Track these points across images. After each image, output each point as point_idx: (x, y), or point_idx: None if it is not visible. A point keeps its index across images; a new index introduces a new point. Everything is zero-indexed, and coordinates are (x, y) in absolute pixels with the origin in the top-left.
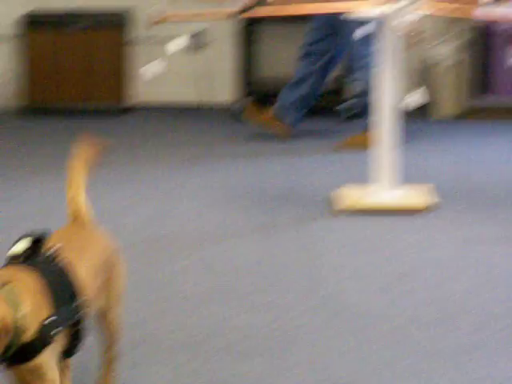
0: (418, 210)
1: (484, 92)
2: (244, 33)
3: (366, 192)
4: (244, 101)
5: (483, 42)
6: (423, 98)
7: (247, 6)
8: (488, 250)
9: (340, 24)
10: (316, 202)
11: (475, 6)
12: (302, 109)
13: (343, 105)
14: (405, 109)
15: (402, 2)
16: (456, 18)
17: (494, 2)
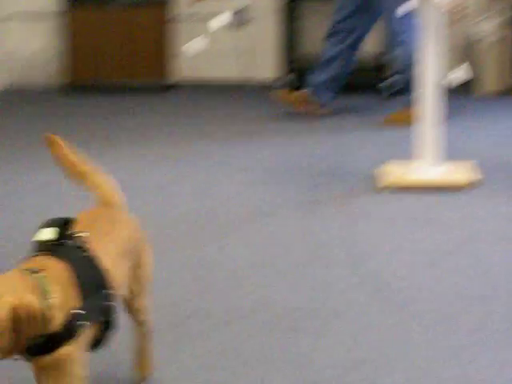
0: (461, 187)
1: None
2: (287, 9)
3: (410, 168)
4: (286, 78)
5: None
6: (466, 75)
7: None
8: None
9: (374, 1)
10: (359, 179)
11: None
12: (334, 88)
13: (386, 82)
14: (448, 85)
15: None
16: None
17: None
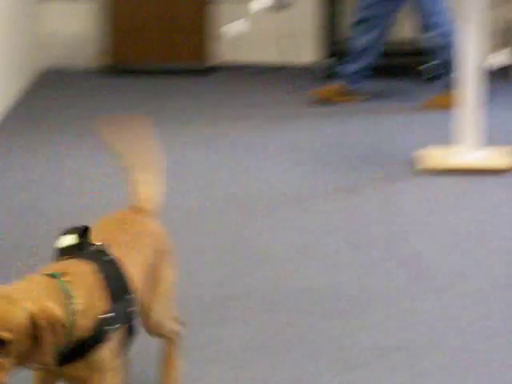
0: (501, 171)
1: None
2: None
3: (450, 152)
4: (327, 61)
5: None
6: (507, 59)
7: None
8: None
9: None
10: (399, 162)
11: None
12: (369, 74)
13: (425, 65)
14: (489, 69)
15: None
16: None
17: None
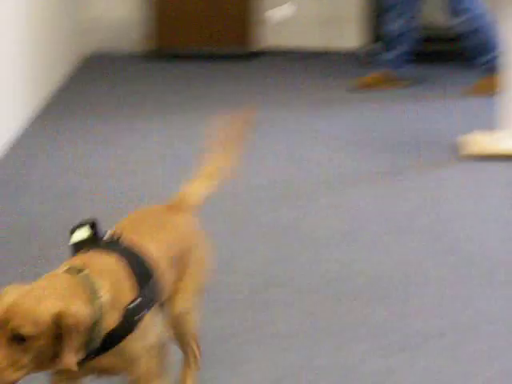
0: None
1: None
2: None
3: (494, 138)
4: (372, 46)
5: None
6: None
7: None
8: None
9: None
10: (443, 148)
11: None
12: (409, 59)
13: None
14: None
15: None
16: None
17: None
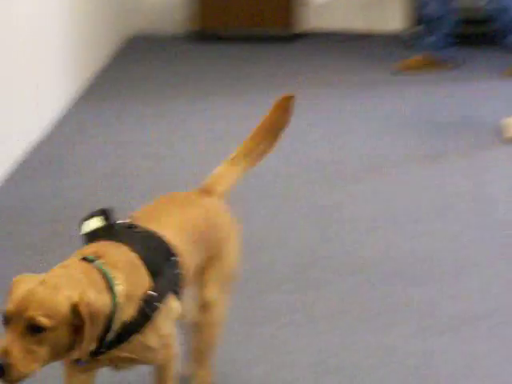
0: None
1: None
2: None
3: None
4: (415, 28)
5: None
6: None
7: None
8: None
9: None
10: (486, 130)
11: None
12: (450, 43)
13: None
14: None
15: None
16: None
17: None
